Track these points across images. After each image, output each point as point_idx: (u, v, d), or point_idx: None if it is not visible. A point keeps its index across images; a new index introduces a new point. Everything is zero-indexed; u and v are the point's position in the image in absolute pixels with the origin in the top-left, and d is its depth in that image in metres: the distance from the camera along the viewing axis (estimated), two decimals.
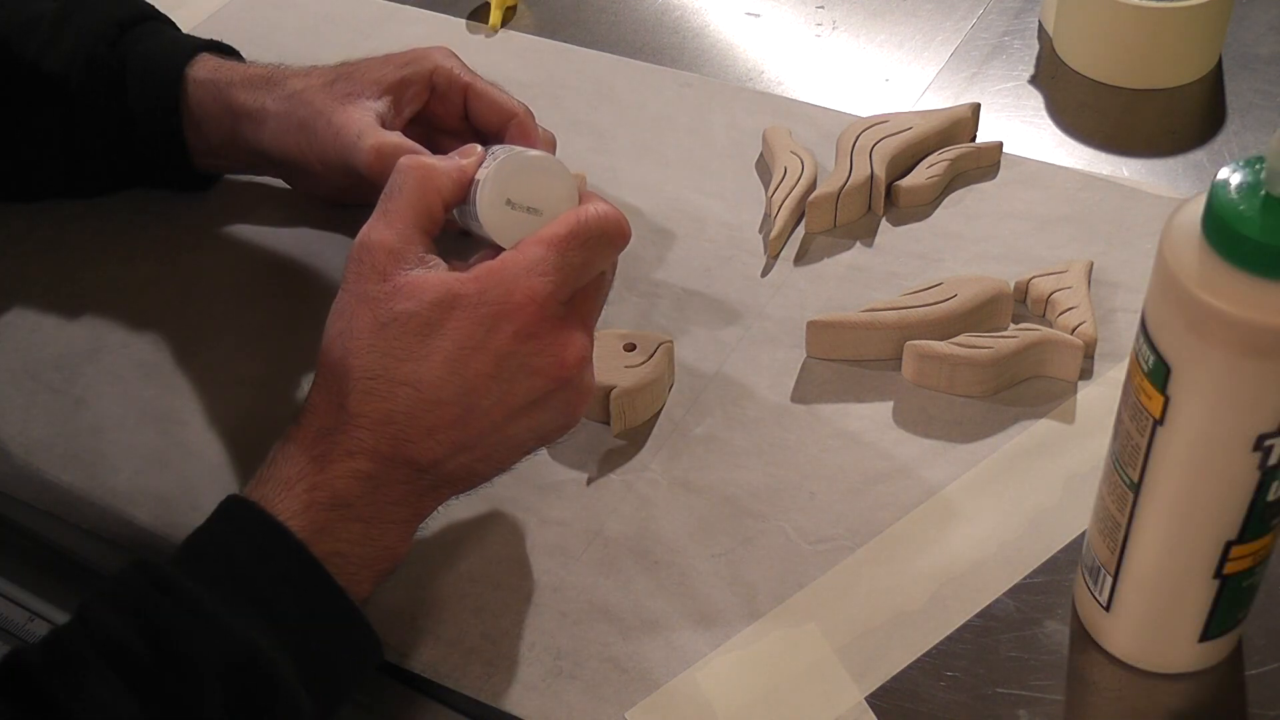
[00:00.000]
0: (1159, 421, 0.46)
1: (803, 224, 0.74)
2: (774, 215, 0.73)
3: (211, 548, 0.51)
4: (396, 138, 0.64)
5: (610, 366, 0.64)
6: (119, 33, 0.71)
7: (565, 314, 0.54)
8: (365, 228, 0.55)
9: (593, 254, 0.55)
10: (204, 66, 0.71)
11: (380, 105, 0.66)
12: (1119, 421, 0.49)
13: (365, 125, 0.65)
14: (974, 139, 0.77)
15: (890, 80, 0.84)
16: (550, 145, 0.68)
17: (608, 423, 0.64)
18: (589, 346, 0.55)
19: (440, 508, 0.56)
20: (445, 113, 0.69)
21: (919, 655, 0.55)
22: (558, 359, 0.53)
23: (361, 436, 0.52)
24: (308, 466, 0.52)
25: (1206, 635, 0.52)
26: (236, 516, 0.52)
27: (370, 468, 0.52)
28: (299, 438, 0.53)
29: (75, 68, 0.70)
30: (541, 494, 0.62)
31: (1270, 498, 0.47)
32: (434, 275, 0.53)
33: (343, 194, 0.71)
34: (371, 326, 0.53)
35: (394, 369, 0.52)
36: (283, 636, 0.49)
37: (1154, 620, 0.52)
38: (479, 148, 0.58)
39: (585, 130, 0.80)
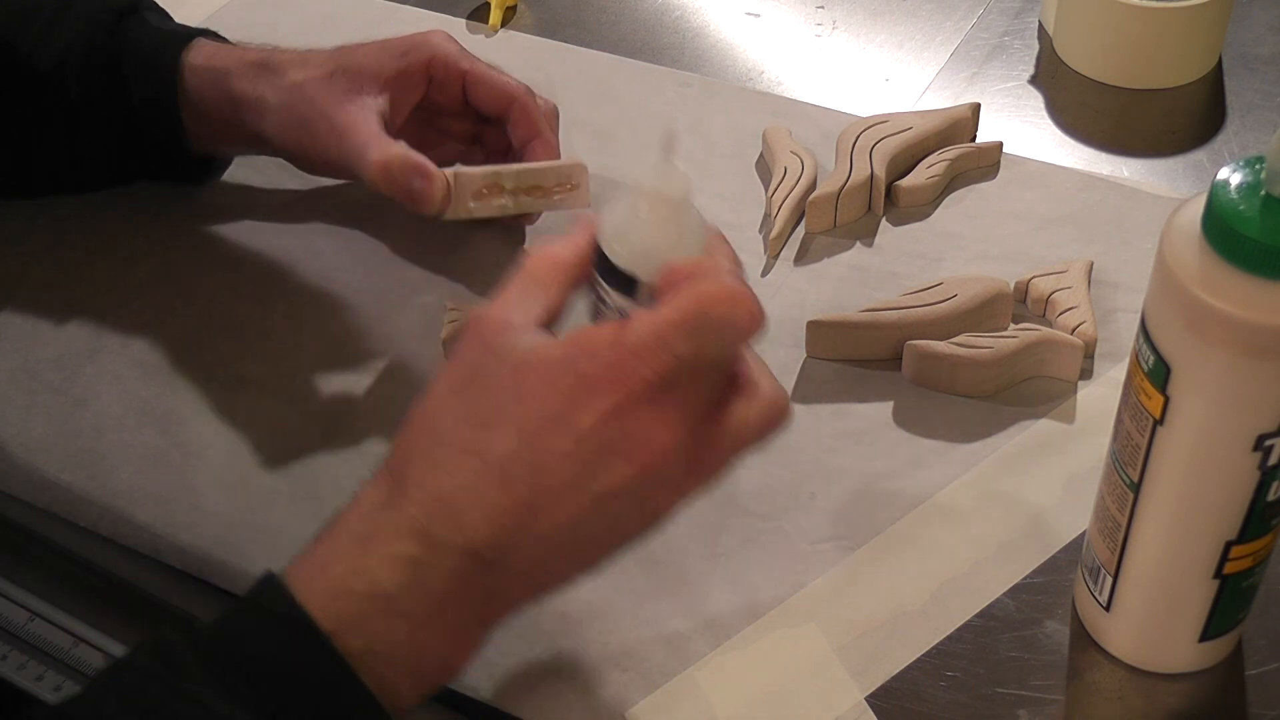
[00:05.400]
0: (1159, 421, 0.46)
1: (803, 224, 0.74)
2: (774, 215, 0.73)
3: (234, 633, 0.46)
4: (402, 151, 0.64)
5: None
6: (117, 20, 0.71)
7: (660, 396, 0.46)
8: (485, 306, 0.50)
9: (707, 345, 0.46)
10: (200, 53, 0.70)
11: (381, 102, 0.67)
12: (1119, 421, 0.49)
13: (369, 134, 0.64)
14: (974, 139, 0.77)
15: (890, 80, 0.84)
16: (552, 115, 0.69)
17: None
18: (683, 435, 0.46)
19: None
20: (445, 99, 0.69)
21: (919, 655, 0.55)
22: (645, 444, 0.46)
23: (414, 514, 0.46)
24: (349, 547, 0.46)
25: (1206, 635, 0.52)
26: (266, 599, 0.46)
27: (418, 552, 0.45)
28: (349, 510, 0.48)
29: (74, 55, 0.70)
30: None
31: (1270, 498, 0.47)
32: (528, 338, 0.47)
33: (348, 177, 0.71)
34: (450, 388, 0.48)
35: (463, 436, 0.47)
36: None
37: (1154, 620, 0.52)
38: (591, 216, 0.51)
39: (585, 130, 0.80)
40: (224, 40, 0.74)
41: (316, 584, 0.45)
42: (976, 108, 0.77)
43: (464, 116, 0.70)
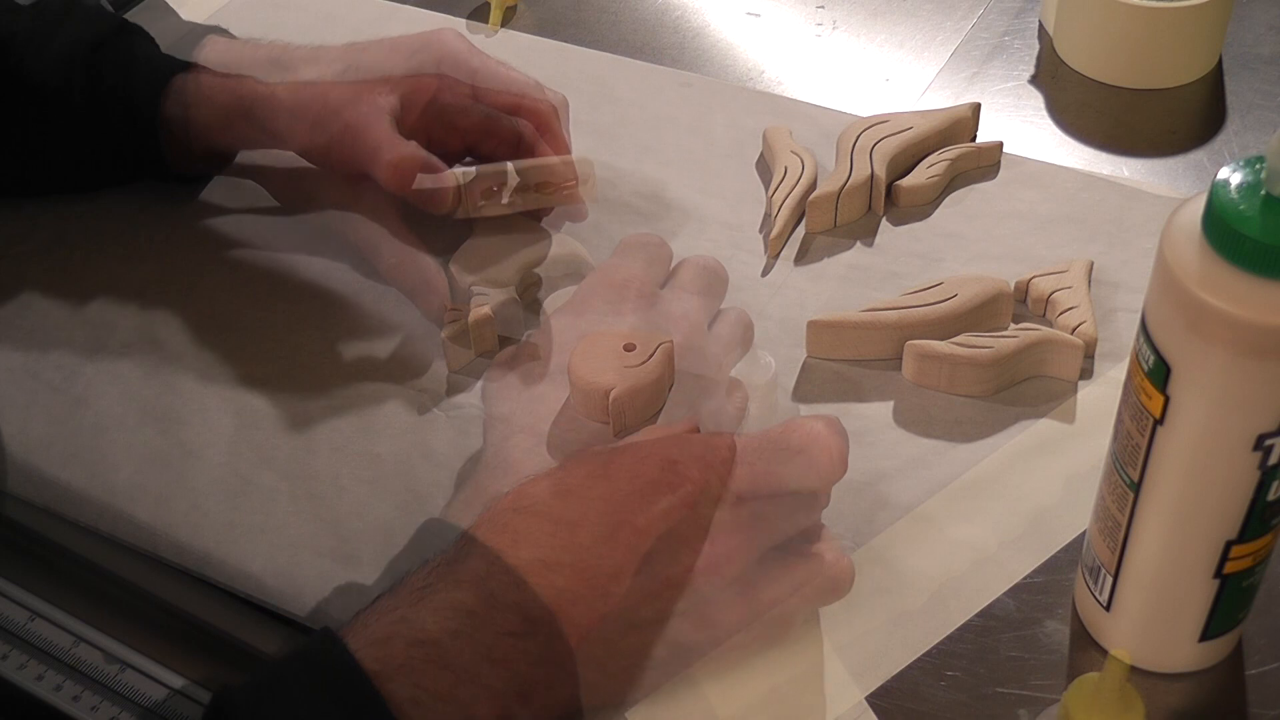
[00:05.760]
0: (1159, 421, 0.46)
1: (803, 224, 0.74)
2: (774, 215, 0.73)
3: (279, 677, 0.46)
4: (413, 151, 0.65)
5: (609, 367, 0.64)
6: (121, 24, 0.72)
7: (736, 506, 0.50)
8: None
9: (785, 470, 0.50)
10: (213, 50, 0.71)
11: (392, 102, 0.67)
12: (1119, 421, 0.49)
13: (382, 134, 0.65)
14: (974, 139, 0.77)
15: (890, 80, 0.84)
16: (561, 107, 0.70)
17: (608, 423, 0.64)
18: (747, 548, 0.50)
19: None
20: (454, 98, 0.70)
21: (919, 655, 0.55)
22: (711, 541, 0.49)
23: (476, 567, 0.46)
24: (405, 598, 0.47)
25: (1206, 635, 0.52)
26: (317, 649, 0.46)
27: (472, 604, 0.46)
28: (415, 570, 0.48)
29: (77, 58, 0.70)
30: None
31: (1270, 497, 0.47)
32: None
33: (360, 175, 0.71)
34: (544, 475, 0.51)
35: (544, 503, 0.49)
36: None
37: (1154, 620, 0.52)
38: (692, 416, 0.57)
39: (585, 130, 0.80)
40: (233, 37, 0.74)
41: (366, 631, 0.45)
42: (977, 108, 0.77)
43: (474, 113, 0.71)
